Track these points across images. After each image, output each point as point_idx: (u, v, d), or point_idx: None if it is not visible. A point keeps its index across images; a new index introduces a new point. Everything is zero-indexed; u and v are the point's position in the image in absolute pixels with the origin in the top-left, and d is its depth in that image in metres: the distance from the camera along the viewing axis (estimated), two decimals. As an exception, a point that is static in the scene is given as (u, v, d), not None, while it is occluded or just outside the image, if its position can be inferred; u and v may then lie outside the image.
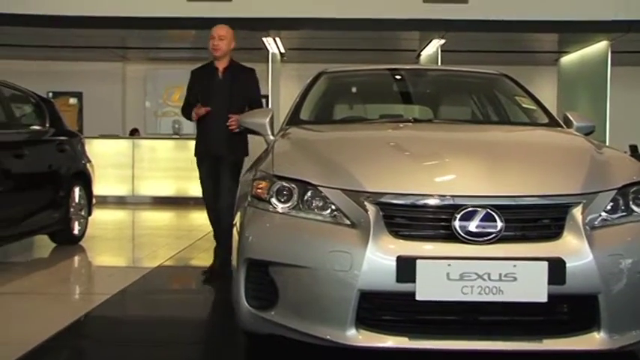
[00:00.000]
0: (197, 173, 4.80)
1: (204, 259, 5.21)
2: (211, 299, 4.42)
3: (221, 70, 4.67)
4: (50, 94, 11.69)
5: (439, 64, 10.33)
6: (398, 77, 4.51)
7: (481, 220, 2.33)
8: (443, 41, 10.30)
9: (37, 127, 5.70)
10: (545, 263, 2.27)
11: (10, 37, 10.49)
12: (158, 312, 4.05)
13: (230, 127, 4.48)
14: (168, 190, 10.57)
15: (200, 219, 9.01)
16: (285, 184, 2.61)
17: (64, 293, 4.51)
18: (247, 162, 4.78)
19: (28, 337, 3.16)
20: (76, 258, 5.69)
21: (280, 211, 2.58)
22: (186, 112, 4.81)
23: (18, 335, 3.26)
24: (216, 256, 4.73)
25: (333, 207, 2.48)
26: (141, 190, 10.54)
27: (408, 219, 2.40)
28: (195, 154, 4.79)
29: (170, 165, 10.51)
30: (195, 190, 10.24)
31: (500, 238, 2.33)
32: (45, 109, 5.88)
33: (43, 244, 5.94)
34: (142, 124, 13.04)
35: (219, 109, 4.53)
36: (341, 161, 2.69)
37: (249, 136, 4.50)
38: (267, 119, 3.62)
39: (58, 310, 3.80)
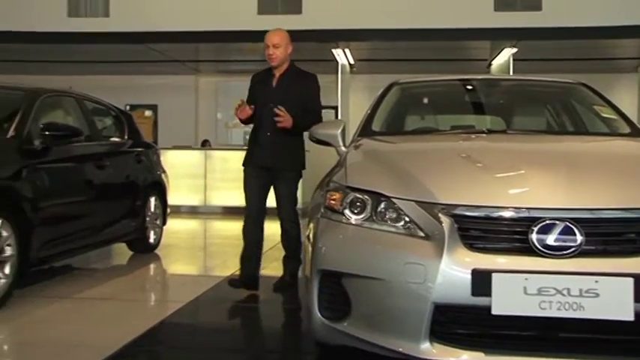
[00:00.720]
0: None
1: (274, 268, 5.25)
2: (283, 309, 4.46)
3: (277, 77, 4.49)
4: (127, 107, 12.12)
5: (511, 73, 10.13)
6: (470, 87, 4.44)
7: (560, 234, 2.27)
8: (515, 50, 10.10)
9: (116, 139, 5.92)
10: (631, 280, 2.18)
11: (92, 55, 10.96)
12: (231, 320, 4.13)
13: (277, 122, 4.23)
14: (238, 200, 10.67)
15: (269, 229, 9.10)
16: (358, 195, 2.61)
17: (141, 300, 4.65)
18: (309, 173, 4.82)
19: (109, 341, 3.27)
20: (152, 266, 5.85)
21: (354, 222, 2.58)
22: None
23: (100, 339, 3.38)
24: (285, 267, 4.74)
25: (407, 219, 2.47)
26: (212, 200, 10.76)
27: (482, 231, 2.36)
28: (244, 164, 4.57)
29: (240, 175, 10.61)
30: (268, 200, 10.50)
31: (580, 253, 2.26)
32: (124, 121, 6.11)
33: (121, 252, 6.14)
34: (213, 136, 13.34)
35: (271, 118, 4.29)
36: (414, 173, 2.67)
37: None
38: (339, 130, 3.64)
39: (136, 316, 3.92)
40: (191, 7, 9.85)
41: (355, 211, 2.60)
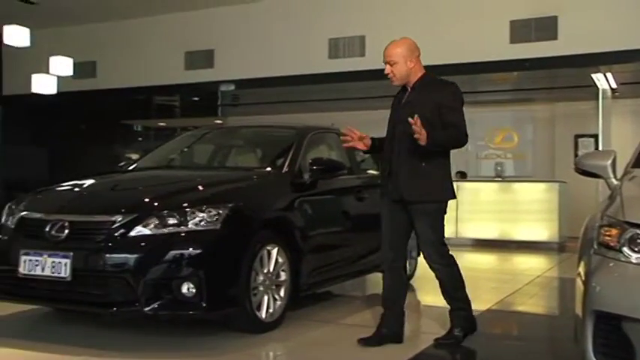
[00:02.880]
0: (521, 216, 4.57)
1: (533, 305, 5.03)
2: (548, 349, 4.23)
3: (407, 93, 3.90)
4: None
5: None
6: None
7: None
8: None
9: (373, 172, 6.19)
10: None
11: (350, 92, 11.68)
12: (494, 358, 4.00)
13: (414, 133, 3.50)
14: (490, 232, 10.53)
15: (525, 263, 8.82)
16: (639, 231, 2.41)
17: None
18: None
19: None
20: (407, 296, 5.94)
21: (634, 261, 2.38)
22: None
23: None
24: (451, 319, 4.05)
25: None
26: (463, 232, 10.67)
27: None
28: (380, 197, 4.03)
29: (492, 208, 10.50)
30: (518, 233, 10.15)
31: None
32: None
33: (377, 281, 6.34)
34: (464, 167, 13.26)
35: (402, 140, 3.74)
36: None
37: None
38: (610, 161, 3.39)
39: (391, 346, 4.00)
40: (439, 42, 9.99)
41: (636, 249, 2.40)
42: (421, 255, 6.48)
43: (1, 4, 11.46)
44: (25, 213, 4.10)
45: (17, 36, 10.10)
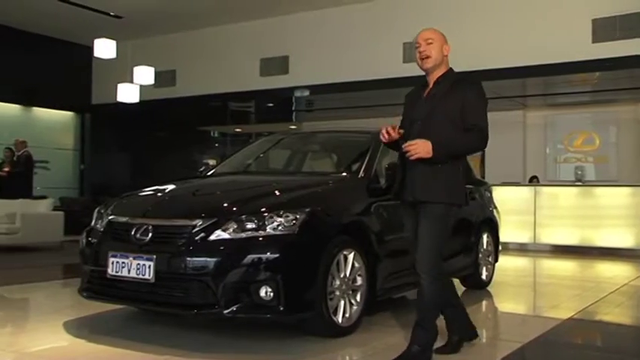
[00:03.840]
0: (603, 222, 4.37)
1: (620, 315, 4.83)
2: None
3: (429, 88, 3.59)
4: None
5: None
6: None
7: None
8: None
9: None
10: None
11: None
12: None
13: (407, 153, 3.33)
14: (570, 238, 10.21)
15: (609, 270, 8.48)
16: None
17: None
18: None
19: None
20: (484, 302, 5.85)
21: None
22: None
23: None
24: (413, 335, 3.54)
25: None
26: (542, 238, 10.41)
27: None
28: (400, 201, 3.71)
29: (572, 213, 10.19)
30: (601, 239, 9.79)
31: None
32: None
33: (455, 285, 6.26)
34: (541, 171, 12.93)
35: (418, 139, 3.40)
36: None
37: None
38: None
39: (473, 352, 3.94)
40: (519, 44, 9.78)
41: None
42: (497, 261, 6.47)
43: (91, 19, 12.04)
44: (112, 217, 4.28)
45: (105, 48, 10.66)
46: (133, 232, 3.98)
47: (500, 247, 6.62)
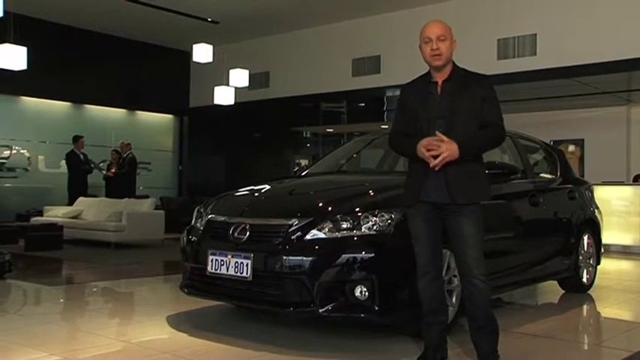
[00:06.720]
0: None
1: None
2: None
3: (440, 85, 3.39)
4: (552, 142, 12.03)
5: None
6: None
7: None
8: None
9: (548, 176, 5.93)
10: None
11: (521, 93, 11.26)
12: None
13: (431, 161, 3.19)
14: (679, 241, 9.65)
15: (612, 265, 7.97)
16: None
17: (575, 341, 4.53)
18: None
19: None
20: (585, 307, 5.64)
21: None
22: (397, 142, 3.58)
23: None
24: (477, 346, 3.42)
25: None
26: (651, 241, 9.89)
27: None
28: (404, 202, 3.53)
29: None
30: None
31: None
32: (555, 157, 6.09)
33: (550, 290, 6.07)
34: (647, 169, 12.28)
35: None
36: None
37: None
38: None
39: (571, 357, 3.82)
40: (621, 37, 9.33)
41: None
42: (599, 264, 6.20)
43: (189, 26, 12.51)
44: (211, 216, 4.44)
45: (203, 53, 11.10)
46: (231, 231, 4.10)
47: (602, 250, 6.35)
